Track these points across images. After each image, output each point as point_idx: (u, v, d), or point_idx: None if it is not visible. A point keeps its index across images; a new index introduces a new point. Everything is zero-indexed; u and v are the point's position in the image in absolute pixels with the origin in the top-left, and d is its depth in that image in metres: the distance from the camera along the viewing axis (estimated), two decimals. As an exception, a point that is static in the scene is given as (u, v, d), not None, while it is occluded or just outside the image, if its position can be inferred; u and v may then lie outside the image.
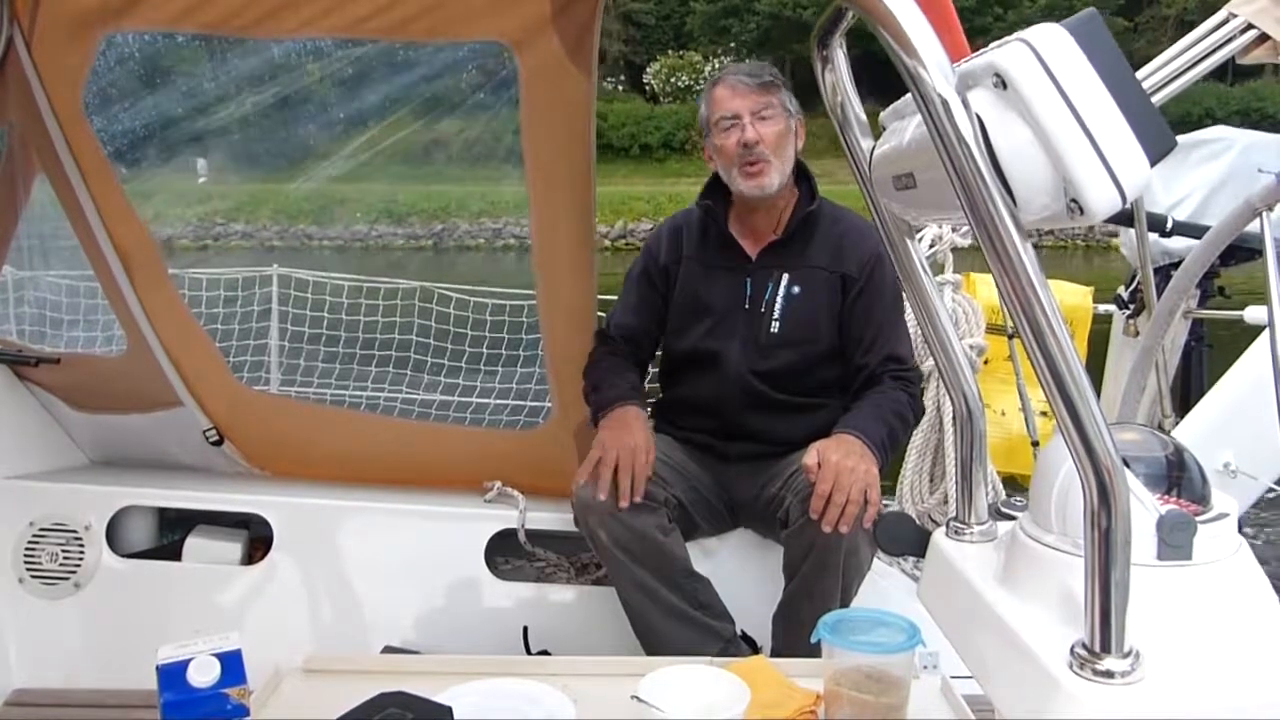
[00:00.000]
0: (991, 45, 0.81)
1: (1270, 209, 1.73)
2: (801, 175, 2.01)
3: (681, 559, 1.89)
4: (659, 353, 2.16)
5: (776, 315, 1.95)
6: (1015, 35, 0.78)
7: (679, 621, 1.85)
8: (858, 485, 1.68)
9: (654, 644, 1.85)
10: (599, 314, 2.19)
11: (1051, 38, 0.76)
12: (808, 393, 1.98)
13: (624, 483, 1.78)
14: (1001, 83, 0.77)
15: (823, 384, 2.00)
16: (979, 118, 0.76)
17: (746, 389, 1.96)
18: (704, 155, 2.04)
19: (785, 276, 1.97)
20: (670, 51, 35.96)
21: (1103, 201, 0.75)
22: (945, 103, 0.75)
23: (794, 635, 1.79)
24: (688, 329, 2.02)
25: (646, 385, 2.10)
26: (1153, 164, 0.76)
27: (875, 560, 1.94)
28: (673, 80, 34.11)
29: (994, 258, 0.76)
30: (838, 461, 1.69)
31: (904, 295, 2.03)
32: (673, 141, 30.66)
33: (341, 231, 23.39)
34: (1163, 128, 0.78)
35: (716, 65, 33.64)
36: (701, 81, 34.13)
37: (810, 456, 1.71)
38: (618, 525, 1.82)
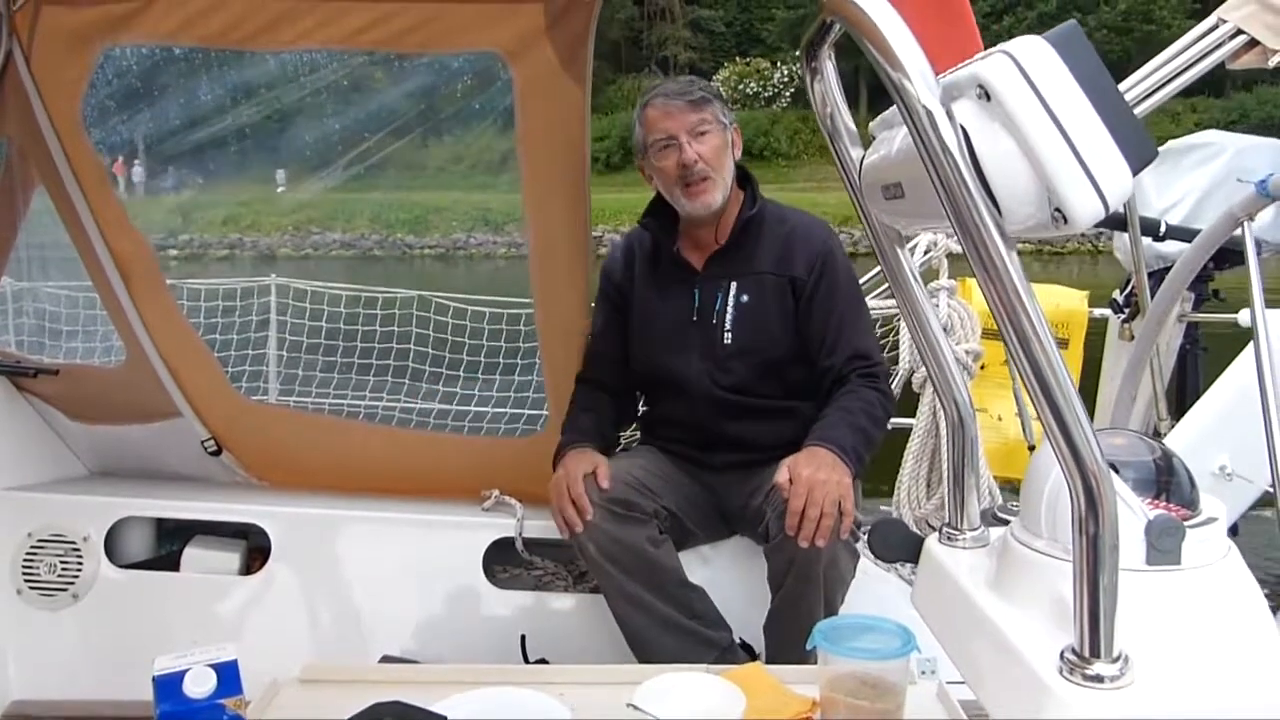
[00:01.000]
0: (975, 57, 0.82)
1: (1252, 218, 1.75)
2: (744, 180, 1.99)
3: (673, 569, 1.89)
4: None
5: (728, 326, 1.93)
6: (998, 47, 0.79)
7: (672, 632, 1.85)
8: (830, 498, 1.67)
9: (648, 654, 1.84)
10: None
11: (1033, 49, 0.77)
12: (776, 397, 1.96)
13: (567, 513, 1.83)
14: (985, 94, 0.78)
15: (790, 388, 1.97)
16: (963, 128, 0.78)
17: (715, 401, 1.94)
18: (645, 176, 2.01)
19: (733, 285, 1.95)
20: (738, 59, 36.11)
21: (1086, 210, 0.76)
22: (930, 114, 0.76)
23: (783, 647, 1.79)
24: (646, 348, 2.02)
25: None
26: (1135, 173, 0.77)
27: (870, 566, 1.95)
28: (740, 87, 34.27)
29: (979, 266, 0.77)
30: (809, 476, 1.68)
31: (861, 289, 2.05)
32: (751, 148, 30.70)
33: (441, 240, 23.55)
34: (1144, 137, 0.79)
35: (785, 72, 33.81)
36: (770, 88, 34.31)
37: (781, 474, 1.71)
38: (606, 538, 1.82)
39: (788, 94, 34.02)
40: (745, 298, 1.94)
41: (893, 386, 2.89)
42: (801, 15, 34.47)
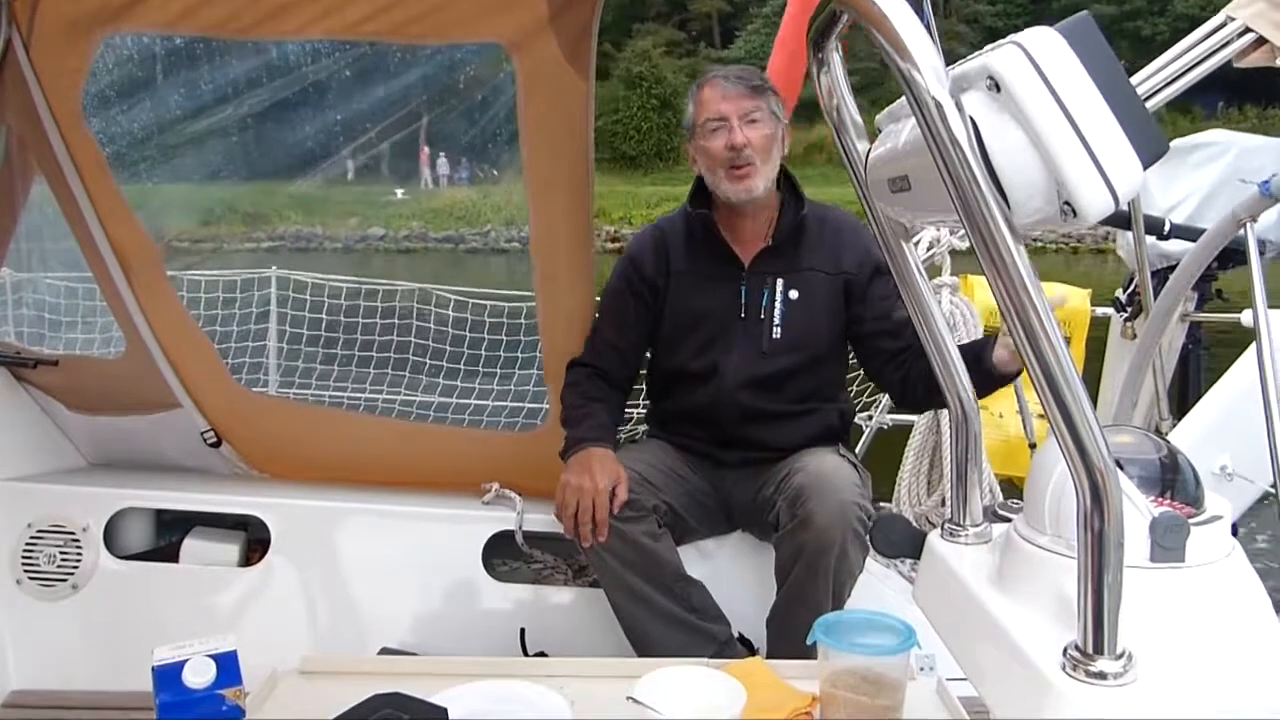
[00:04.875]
0: (987, 48, 0.81)
1: (1254, 219, 1.74)
2: (786, 179, 2.00)
3: (672, 563, 1.89)
4: (645, 369, 2.14)
5: (777, 322, 1.94)
6: (1009, 38, 0.79)
7: (671, 626, 1.85)
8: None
9: (647, 649, 1.85)
10: (597, 316, 2.19)
11: (1044, 41, 0.77)
12: (804, 398, 1.98)
13: (584, 529, 1.80)
14: (995, 85, 0.77)
15: (820, 387, 2.00)
16: (973, 120, 0.77)
17: (743, 400, 1.95)
18: (688, 159, 2.03)
19: (780, 282, 1.96)
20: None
21: (1095, 204, 0.75)
22: (939, 105, 0.75)
23: (787, 640, 1.79)
24: (682, 343, 2.00)
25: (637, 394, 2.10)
26: (1145, 167, 0.76)
27: (871, 562, 1.94)
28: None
29: (987, 260, 0.76)
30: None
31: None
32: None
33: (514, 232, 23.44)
34: (1155, 131, 0.78)
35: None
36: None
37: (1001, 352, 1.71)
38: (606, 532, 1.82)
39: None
40: (794, 294, 1.95)
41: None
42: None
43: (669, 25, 39.11)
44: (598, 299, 2.14)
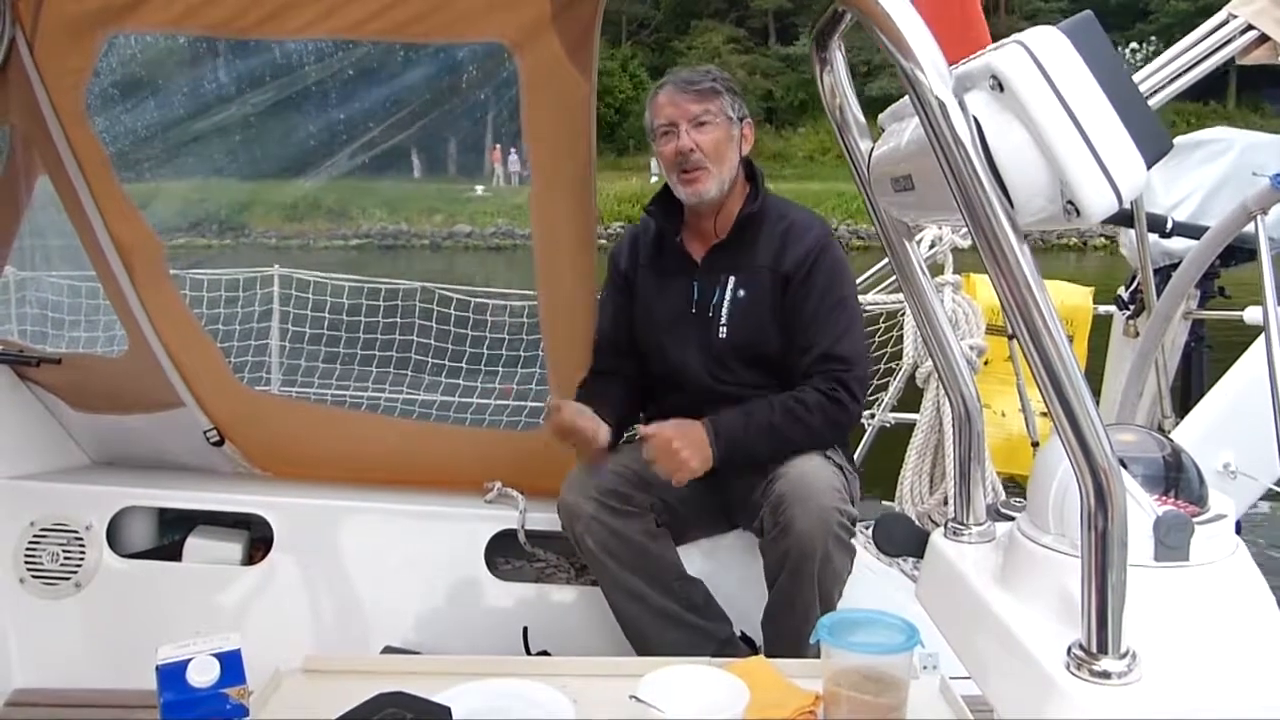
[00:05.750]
0: (989, 47, 0.81)
1: (1265, 212, 1.73)
2: (749, 175, 1.99)
3: (671, 562, 1.89)
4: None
5: (724, 320, 1.93)
6: (1012, 38, 0.79)
7: (671, 625, 1.85)
8: (672, 470, 1.78)
9: (646, 648, 1.85)
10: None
11: (1047, 40, 0.77)
12: (774, 392, 1.93)
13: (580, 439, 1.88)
14: (998, 85, 0.78)
15: (785, 384, 1.93)
16: (976, 120, 0.77)
17: (713, 395, 1.93)
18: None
19: (731, 279, 1.94)
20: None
21: (1099, 203, 0.75)
22: (942, 105, 0.75)
23: (779, 643, 1.79)
24: (647, 339, 2.03)
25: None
26: (1149, 166, 0.76)
27: (873, 561, 1.94)
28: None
29: (991, 259, 0.76)
30: (667, 439, 1.79)
31: (858, 293, 2.05)
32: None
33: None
34: (1159, 129, 0.78)
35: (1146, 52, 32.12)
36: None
37: (650, 428, 1.81)
38: (604, 531, 1.83)
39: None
40: (742, 293, 1.94)
41: (896, 381, 2.89)
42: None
43: (727, 22, 39.06)
44: (599, 298, 2.15)
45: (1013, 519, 1.01)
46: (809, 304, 1.91)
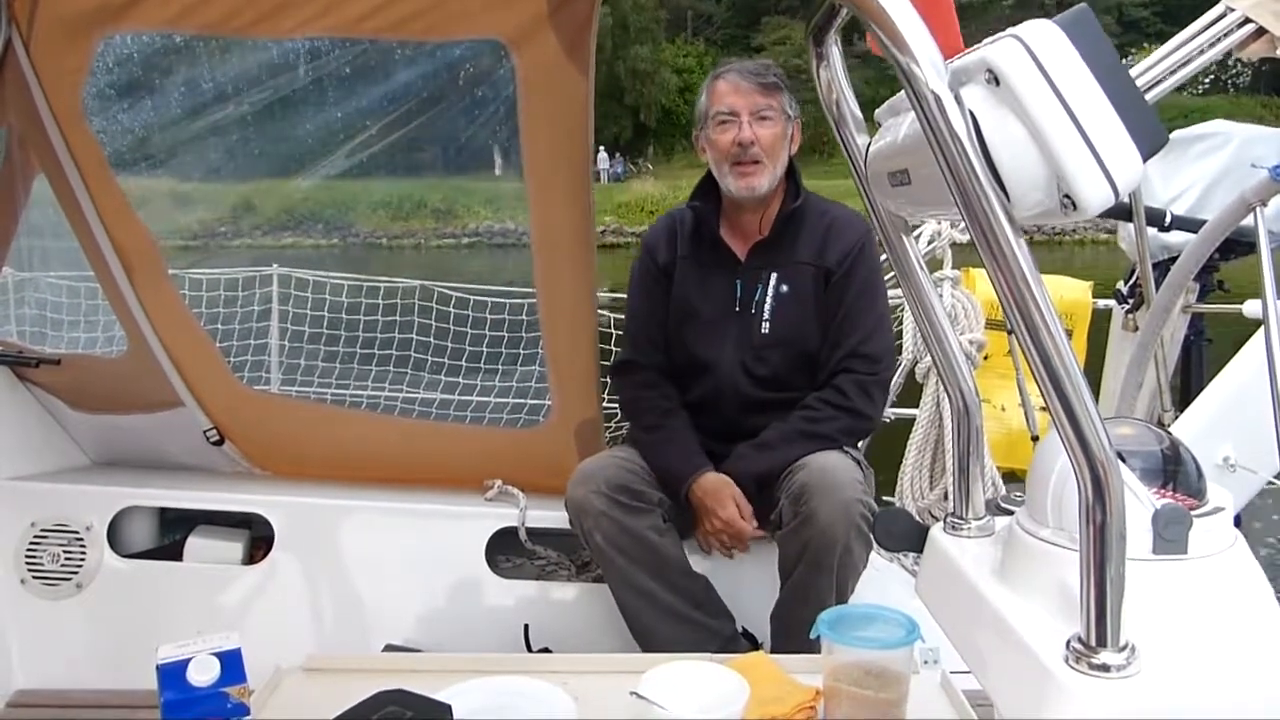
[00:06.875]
0: (985, 41, 0.81)
1: (1264, 204, 1.73)
2: (788, 172, 2.00)
3: (677, 558, 1.89)
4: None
5: (766, 316, 1.94)
6: (1008, 31, 0.78)
7: (676, 621, 1.86)
8: (717, 531, 1.89)
9: (651, 644, 1.85)
10: (599, 312, 2.19)
11: (1043, 33, 0.76)
12: (800, 392, 1.96)
13: (721, 547, 1.93)
14: (994, 79, 0.77)
15: (817, 380, 1.97)
16: (972, 114, 0.77)
17: (739, 393, 1.94)
18: (698, 147, 2.03)
19: (774, 276, 1.95)
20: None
21: (1096, 197, 0.75)
22: (938, 99, 0.75)
23: (791, 636, 1.80)
24: (682, 335, 2.01)
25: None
26: (1145, 159, 0.76)
27: (874, 555, 1.94)
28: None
29: (988, 253, 0.76)
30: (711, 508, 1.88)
31: (888, 290, 2.04)
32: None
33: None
34: (1155, 123, 0.78)
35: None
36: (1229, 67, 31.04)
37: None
38: (612, 527, 1.83)
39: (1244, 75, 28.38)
40: (785, 288, 1.95)
41: (896, 377, 2.89)
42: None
43: (797, 19, 38.86)
44: (599, 295, 2.14)
45: (1012, 513, 1.01)
46: (846, 298, 1.93)
